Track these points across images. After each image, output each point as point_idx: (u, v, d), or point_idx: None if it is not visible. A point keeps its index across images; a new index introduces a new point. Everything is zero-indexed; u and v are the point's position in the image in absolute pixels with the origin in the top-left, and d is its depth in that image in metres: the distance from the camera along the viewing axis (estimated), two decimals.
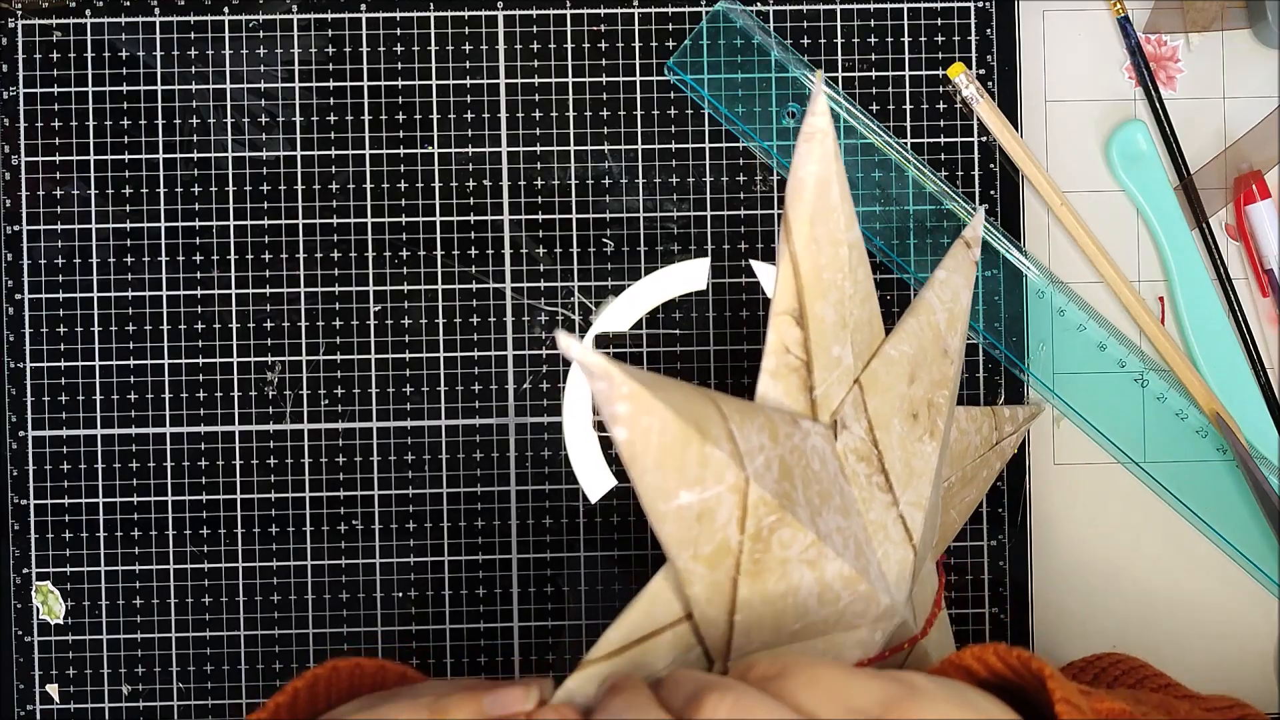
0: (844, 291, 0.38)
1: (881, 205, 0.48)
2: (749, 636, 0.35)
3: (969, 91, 0.48)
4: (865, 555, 0.36)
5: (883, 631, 0.37)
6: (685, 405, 0.32)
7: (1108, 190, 0.50)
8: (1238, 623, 0.50)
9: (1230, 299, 0.49)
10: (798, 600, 0.35)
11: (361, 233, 0.48)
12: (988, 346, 0.49)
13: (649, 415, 0.31)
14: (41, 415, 0.48)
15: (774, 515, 0.33)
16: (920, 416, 0.39)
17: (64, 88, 0.48)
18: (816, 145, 0.37)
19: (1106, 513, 0.50)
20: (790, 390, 0.37)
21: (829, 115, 0.37)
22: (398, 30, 0.48)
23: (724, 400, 0.34)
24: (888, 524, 0.38)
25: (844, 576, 0.35)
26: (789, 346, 0.37)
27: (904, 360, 0.39)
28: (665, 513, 0.33)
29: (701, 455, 0.32)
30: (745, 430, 0.34)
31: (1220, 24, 0.50)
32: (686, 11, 0.48)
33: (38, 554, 0.48)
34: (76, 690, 0.48)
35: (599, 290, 0.49)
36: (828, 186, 0.37)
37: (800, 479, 0.35)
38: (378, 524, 0.48)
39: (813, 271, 0.37)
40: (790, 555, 0.34)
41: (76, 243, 0.48)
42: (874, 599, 0.36)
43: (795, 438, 0.36)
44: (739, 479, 0.33)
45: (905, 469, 0.38)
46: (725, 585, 0.34)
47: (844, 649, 0.36)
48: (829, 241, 0.38)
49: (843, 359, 0.38)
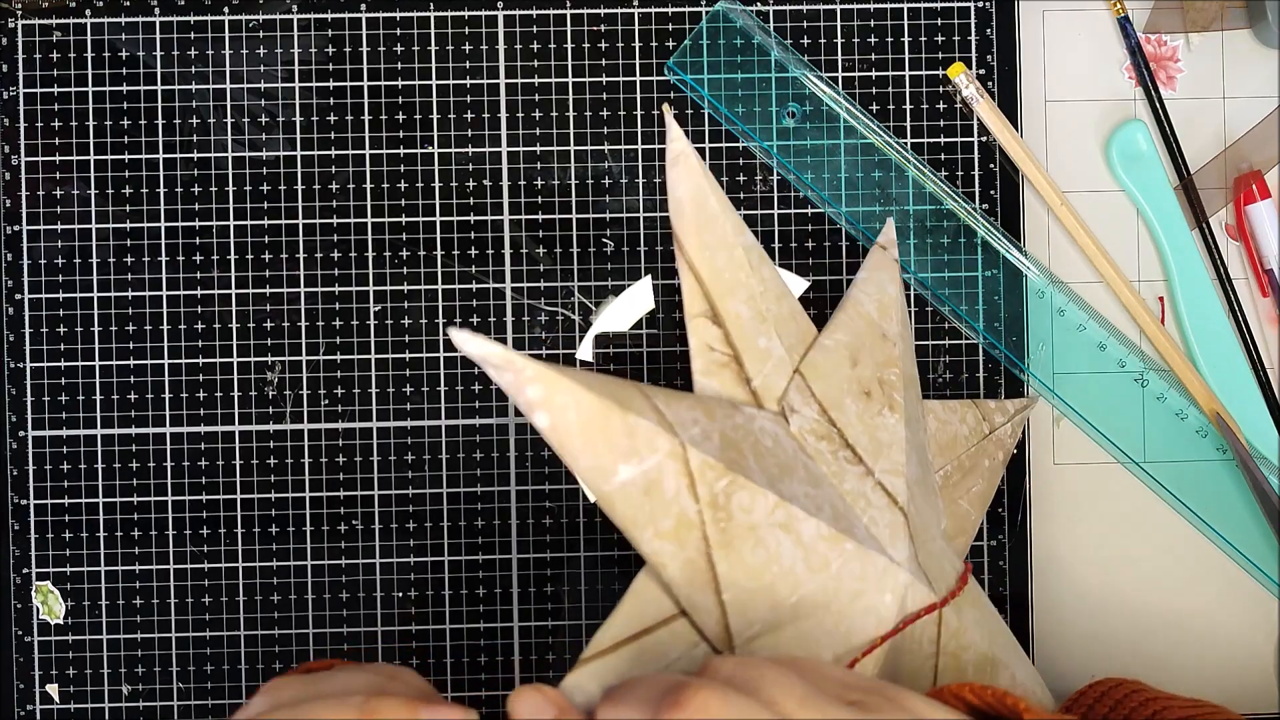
0: (752, 289, 0.39)
1: (881, 205, 0.48)
2: (746, 617, 0.35)
3: (969, 91, 0.48)
4: (847, 518, 0.37)
5: (892, 594, 0.37)
6: (598, 384, 0.33)
7: (1108, 190, 0.50)
8: (1238, 622, 0.50)
9: (1230, 299, 0.49)
10: (783, 569, 0.35)
11: (361, 233, 0.48)
12: (987, 346, 0.49)
13: (561, 394, 0.32)
14: (42, 415, 0.48)
15: (725, 479, 0.34)
16: (874, 394, 0.40)
17: (64, 88, 0.48)
18: (682, 166, 0.39)
19: (1106, 513, 0.50)
20: (726, 384, 0.39)
21: (685, 138, 0.40)
22: (398, 30, 0.48)
23: (645, 386, 0.35)
24: (866, 491, 0.38)
25: (825, 536, 0.35)
26: (711, 344, 0.39)
27: (840, 347, 0.40)
28: (611, 493, 0.33)
29: (626, 425, 0.33)
30: (673, 407, 0.34)
31: (1220, 24, 0.50)
32: (686, 11, 0.48)
33: (38, 554, 0.48)
34: (76, 690, 0.48)
35: (599, 290, 0.49)
36: (704, 200, 0.39)
37: (751, 451, 0.35)
38: (378, 524, 0.48)
39: (713, 274, 0.39)
40: (757, 520, 0.34)
41: (76, 243, 0.48)
42: (868, 558, 0.36)
43: (736, 418, 0.36)
44: (674, 445, 0.33)
45: (872, 441, 0.39)
46: (700, 562, 0.34)
47: (855, 619, 0.36)
48: (721, 246, 0.39)
49: (772, 350, 0.39)
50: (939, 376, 0.49)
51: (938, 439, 0.44)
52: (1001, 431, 0.46)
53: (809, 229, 0.49)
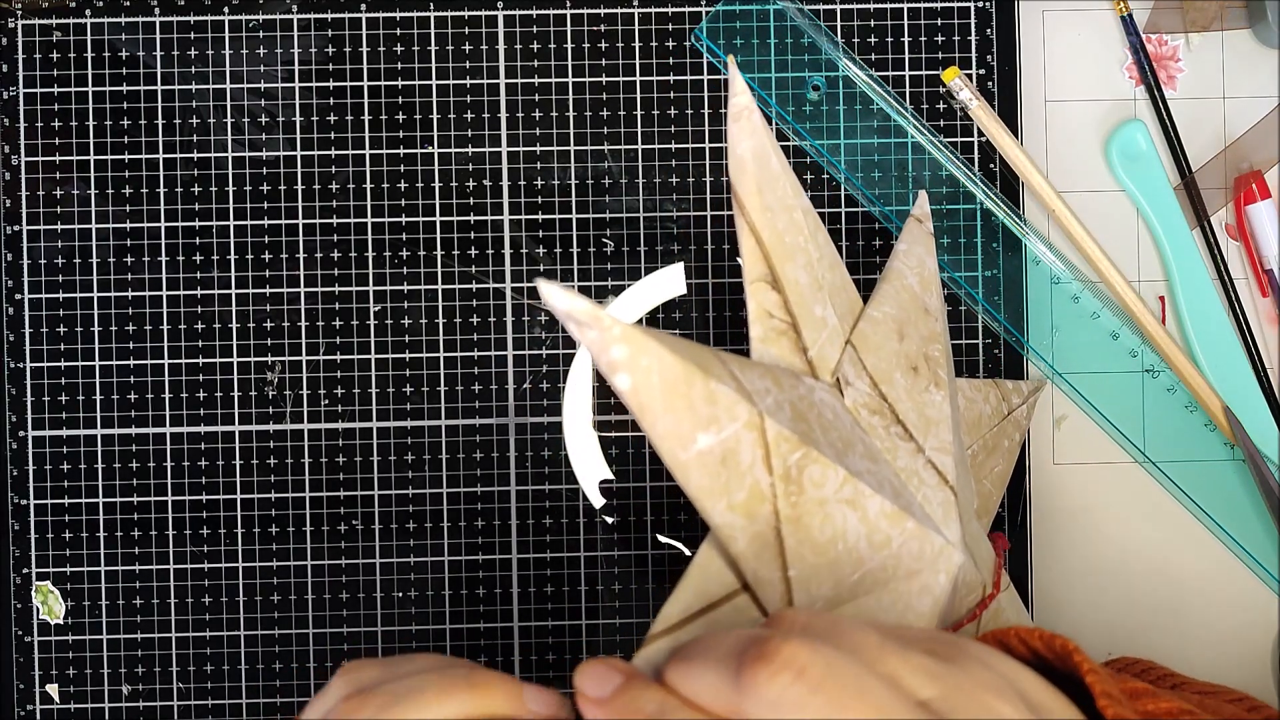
0: (810, 255, 0.38)
1: (899, 186, 0.48)
2: (809, 592, 0.34)
3: (964, 95, 0.48)
4: (904, 496, 0.36)
5: (946, 574, 0.36)
6: (681, 347, 0.32)
7: (1108, 190, 0.50)
8: (1238, 622, 0.50)
9: (1231, 298, 0.49)
10: (848, 546, 0.34)
11: (361, 233, 0.48)
12: (1007, 337, 0.49)
13: (646, 355, 0.31)
14: (41, 415, 0.48)
15: (798, 451, 0.33)
16: (920, 370, 0.39)
17: (64, 88, 0.48)
18: (745, 122, 0.38)
19: (1106, 513, 0.50)
20: (784, 354, 0.37)
21: (749, 93, 0.38)
22: (398, 30, 0.48)
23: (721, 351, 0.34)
24: (918, 469, 0.38)
25: (888, 514, 0.35)
26: (771, 311, 0.37)
27: (888, 320, 0.39)
28: (687, 462, 0.32)
29: (708, 391, 0.32)
30: (747, 374, 0.33)
31: (1220, 24, 0.50)
32: (686, 11, 0.48)
33: (38, 554, 0.48)
34: (76, 690, 0.48)
35: (599, 290, 0.49)
36: (766, 158, 0.38)
37: (817, 424, 0.35)
38: (378, 524, 0.48)
39: (774, 237, 0.38)
40: (826, 495, 0.34)
41: (76, 243, 0.48)
42: (926, 538, 0.36)
43: (800, 389, 0.35)
44: (753, 415, 0.32)
45: (920, 418, 0.38)
46: (769, 537, 0.33)
47: (911, 598, 0.36)
48: (782, 208, 0.38)
49: (827, 320, 0.38)
50: None
51: (966, 417, 0.44)
52: (1019, 413, 0.46)
53: None
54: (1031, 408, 0.48)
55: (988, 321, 0.49)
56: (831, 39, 0.48)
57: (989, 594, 0.38)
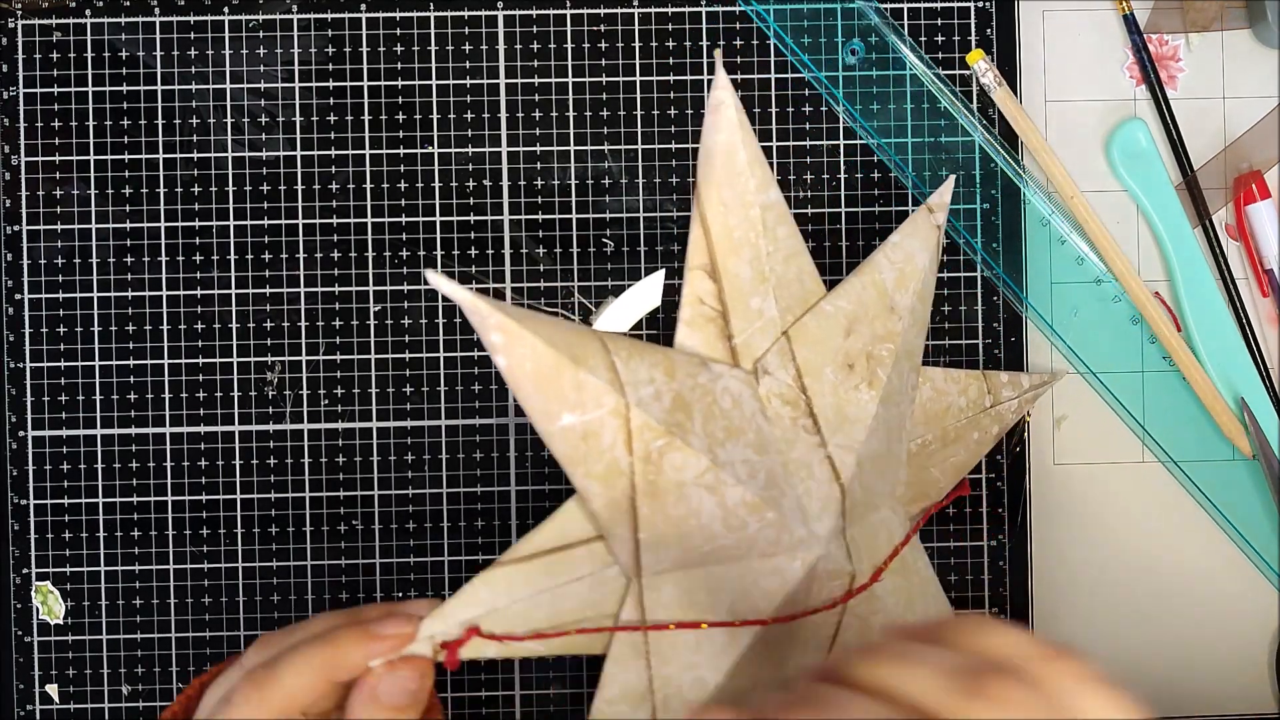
0: (759, 249, 0.41)
1: (932, 154, 0.48)
2: (657, 555, 0.37)
3: (987, 80, 0.48)
4: (779, 487, 0.39)
5: (802, 562, 0.39)
6: (560, 338, 0.36)
7: (1109, 190, 0.50)
8: (1238, 621, 0.50)
9: (1233, 297, 0.49)
10: (701, 523, 0.37)
11: (361, 233, 0.48)
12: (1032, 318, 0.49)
13: (520, 345, 0.35)
14: (41, 415, 0.48)
15: (661, 440, 0.36)
16: (857, 367, 0.41)
17: (64, 88, 0.48)
18: (721, 116, 0.40)
19: (1106, 513, 0.50)
20: (708, 339, 0.40)
21: (730, 88, 0.40)
22: (398, 30, 0.48)
23: (614, 339, 0.37)
24: (813, 463, 0.40)
25: (748, 503, 0.37)
26: (703, 298, 0.40)
27: (840, 315, 0.41)
28: (552, 433, 0.36)
29: (576, 381, 0.35)
30: (632, 365, 0.37)
31: (1220, 24, 0.50)
32: (686, 11, 0.48)
33: (37, 554, 0.48)
34: (76, 690, 0.48)
35: (599, 290, 0.48)
36: (734, 153, 0.40)
37: (701, 413, 0.38)
38: (378, 524, 0.48)
39: (723, 230, 0.40)
40: (685, 479, 0.37)
41: (76, 243, 0.48)
42: (785, 527, 0.38)
43: (701, 377, 0.38)
44: (619, 404, 0.36)
45: (837, 414, 0.41)
46: (624, 504, 0.37)
47: (761, 576, 0.39)
48: (738, 204, 0.40)
49: (764, 311, 0.41)
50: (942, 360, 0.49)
51: (929, 408, 0.45)
52: (1005, 406, 0.46)
53: (809, 228, 0.49)
54: (1028, 403, 0.47)
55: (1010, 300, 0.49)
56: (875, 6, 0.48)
57: (859, 585, 0.40)
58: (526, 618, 0.37)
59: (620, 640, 0.38)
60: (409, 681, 0.34)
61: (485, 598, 0.36)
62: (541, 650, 0.37)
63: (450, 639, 0.35)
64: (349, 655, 0.34)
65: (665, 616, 0.38)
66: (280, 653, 0.35)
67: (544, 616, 0.37)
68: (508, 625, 0.36)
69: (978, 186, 0.49)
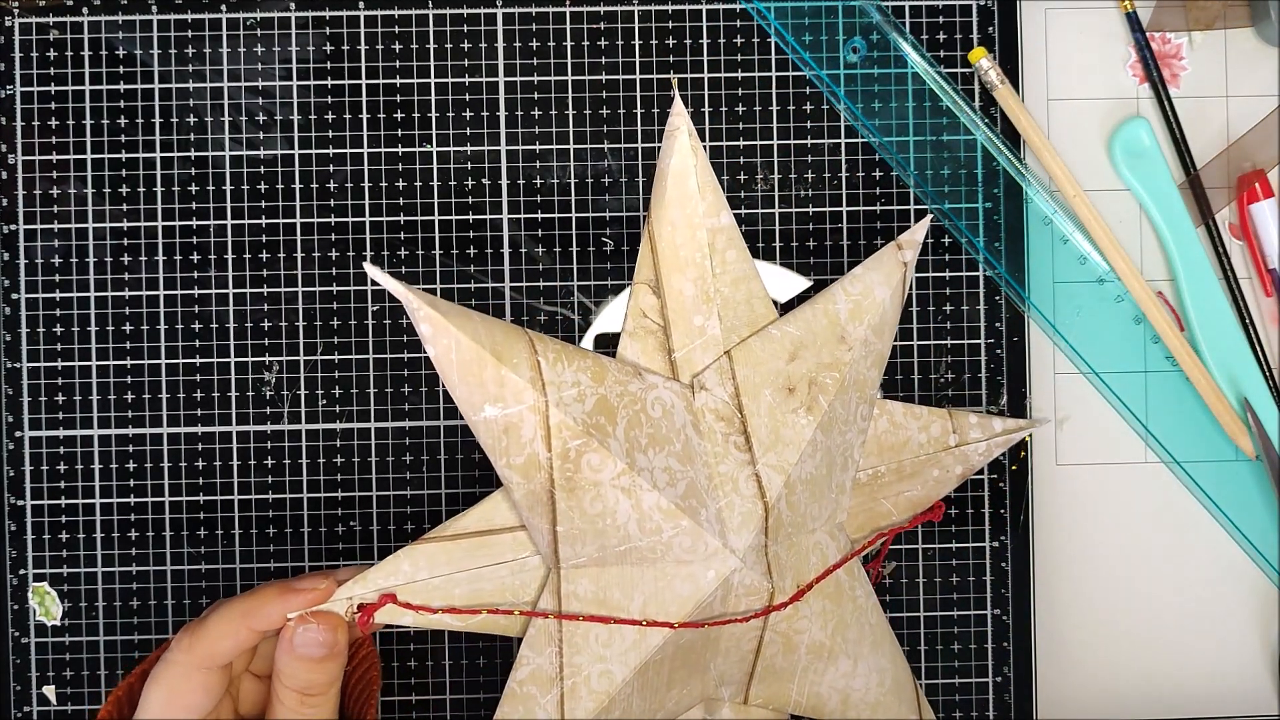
0: (705, 270, 0.43)
1: (933, 152, 0.48)
2: (574, 548, 0.40)
3: (990, 77, 0.48)
4: (699, 497, 0.40)
5: (716, 573, 0.40)
6: (486, 334, 0.38)
7: (1111, 189, 0.49)
8: (1238, 622, 0.50)
9: (1236, 297, 0.49)
10: (617, 523, 0.39)
11: (360, 232, 0.48)
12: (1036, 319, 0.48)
13: (445, 337, 0.37)
14: (38, 415, 0.48)
15: (579, 440, 0.38)
16: (797, 391, 0.43)
17: (60, 86, 0.48)
18: (675, 141, 0.43)
19: (1108, 514, 0.50)
20: (648, 350, 0.43)
21: (685, 115, 0.44)
22: (396, 28, 0.48)
23: (543, 340, 0.39)
24: (739, 479, 0.41)
25: (662, 509, 0.39)
26: (645, 311, 0.43)
27: (786, 339, 0.43)
28: (476, 422, 0.38)
29: (498, 376, 0.37)
30: (558, 366, 0.39)
31: (1223, 22, 0.49)
32: (687, 9, 0.48)
33: (34, 555, 0.48)
34: (74, 692, 0.48)
35: (599, 290, 0.48)
36: (685, 177, 0.43)
37: (625, 419, 0.40)
38: (376, 524, 0.48)
39: (669, 248, 0.43)
40: (602, 479, 0.39)
41: (74, 242, 0.48)
42: (700, 536, 0.40)
43: (632, 385, 0.40)
44: (538, 401, 0.38)
45: (771, 435, 0.42)
46: (542, 496, 0.39)
47: (674, 580, 0.40)
48: (685, 225, 0.43)
49: (706, 329, 0.43)
50: (940, 376, 0.49)
51: (884, 440, 0.45)
52: (971, 448, 0.46)
53: (810, 228, 0.48)
54: (997, 447, 0.47)
55: (1013, 300, 0.49)
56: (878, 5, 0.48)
57: (776, 603, 0.41)
58: (445, 593, 0.39)
59: (536, 626, 0.40)
60: (319, 634, 0.38)
61: (406, 570, 0.39)
62: (457, 625, 0.40)
63: (367, 603, 0.38)
64: (266, 607, 0.38)
65: (580, 608, 0.40)
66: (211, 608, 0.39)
67: (462, 595, 0.40)
68: (425, 598, 0.39)
69: (980, 185, 0.49)
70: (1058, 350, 0.49)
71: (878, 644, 0.45)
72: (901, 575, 0.49)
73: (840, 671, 0.44)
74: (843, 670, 0.44)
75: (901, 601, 0.49)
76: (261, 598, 0.38)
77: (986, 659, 0.49)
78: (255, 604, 0.38)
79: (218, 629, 0.38)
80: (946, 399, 0.49)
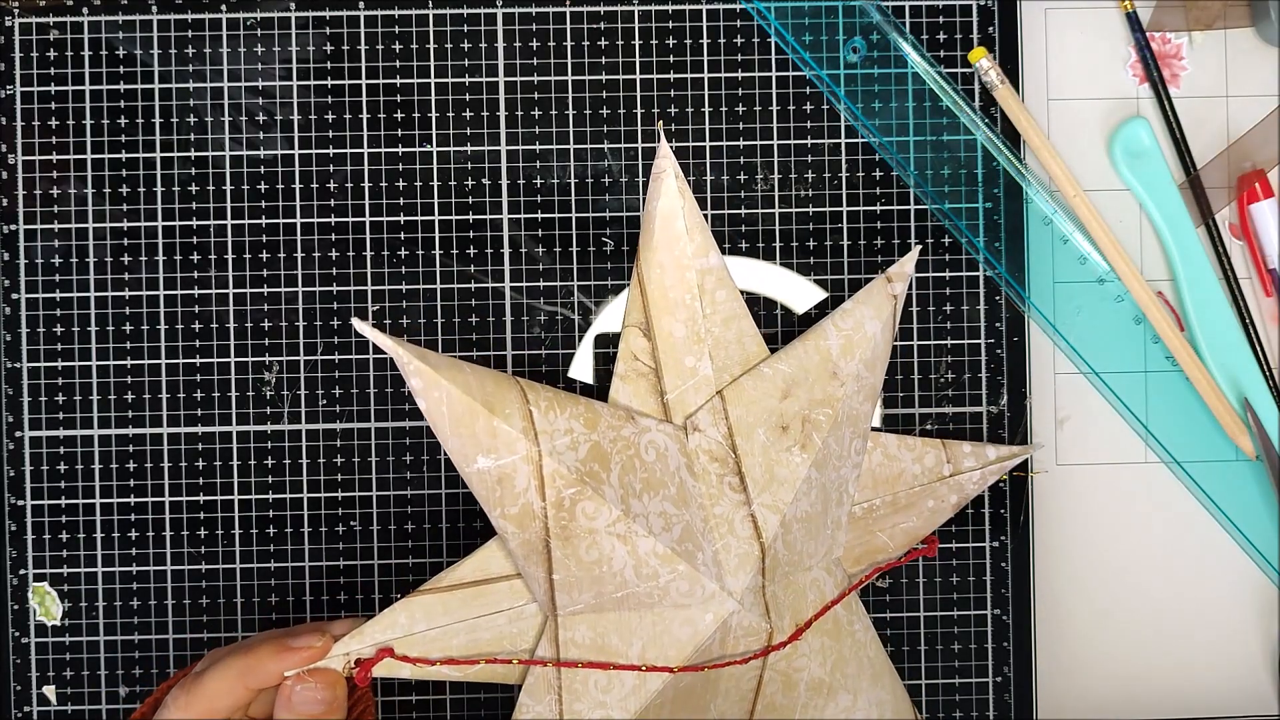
0: (695, 311, 0.43)
1: (933, 152, 0.48)
2: (571, 595, 0.40)
3: (989, 78, 0.48)
4: (695, 541, 0.40)
5: (714, 616, 0.40)
6: (477, 385, 0.38)
7: (1111, 189, 0.49)
8: (1239, 623, 0.50)
9: (1236, 297, 0.49)
10: (613, 570, 0.39)
11: (360, 232, 0.48)
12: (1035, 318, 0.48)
13: (436, 390, 0.37)
14: (38, 415, 0.48)
15: (574, 488, 0.38)
16: (791, 429, 0.43)
17: (61, 86, 0.48)
18: (662, 183, 0.44)
19: (1108, 514, 0.50)
20: (639, 393, 0.43)
21: (671, 157, 0.44)
22: (396, 28, 0.48)
23: (534, 389, 0.39)
24: (735, 520, 0.41)
25: (659, 554, 0.39)
26: (636, 354, 0.43)
27: (778, 377, 0.43)
28: (469, 474, 0.38)
29: (490, 427, 0.37)
30: (550, 415, 0.39)
31: (1223, 22, 0.49)
32: (687, 9, 0.48)
33: (35, 555, 0.48)
34: (74, 692, 0.48)
35: (599, 290, 0.48)
36: (673, 219, 0.44)
37: (620, 464, 0.40)
38: (376, 524, 0.48)
39: (658, 291, 0.43)
40: (597, 526, 0.39)
41: (74, 242, 0.48)
42: (698, 580, 0.40)
43: (625, 430, 0.40)
44: (531, 451, 0.38)
45: (765, 474, 0.42)
46: (538, 545, 0.39)
47: (673, 624, 0.40)
48: (674, 267, 0.43)
49: (698, 370, 0.43)
50: (940, 376, 0.49)
51: (878, 473, 0.45)
52: (965, 477, 0.46)
53: (810, 228, 0.48)
54: (993, 474, 0.47)
55: (1013, 300, 0.49)
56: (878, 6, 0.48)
57: (775, 643, 0.42)
58: (442, 644, 0.39)
59: (536, 674, 0.40)
60: (317, 692, 0.38)
61: (403, 622, 0.39)
62: (456, 676, 0.40)
63: (364, 657, 0.38)
64: (264, 664, 0.38)
65: (578, 655, 0.40)
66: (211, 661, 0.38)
67: (460, 645, 0.40)
68: (423, 650, 0.39)
69: (980, 185, 0.48)
70: (1058, 350, 0.49)
71: (877, 677, 0.45)
72: (902, 575, 0.49)
73: (840, 706, 0.44)
74: (843, 705, 0.44)
75: (901, 601, 0.49)
76: (258, 655, 0.38)
77: (986, 659, 0.49)
78: (252, 662, 0.38)
79: (214, 688, 0.38)
80: (946, 399, 0.49)
